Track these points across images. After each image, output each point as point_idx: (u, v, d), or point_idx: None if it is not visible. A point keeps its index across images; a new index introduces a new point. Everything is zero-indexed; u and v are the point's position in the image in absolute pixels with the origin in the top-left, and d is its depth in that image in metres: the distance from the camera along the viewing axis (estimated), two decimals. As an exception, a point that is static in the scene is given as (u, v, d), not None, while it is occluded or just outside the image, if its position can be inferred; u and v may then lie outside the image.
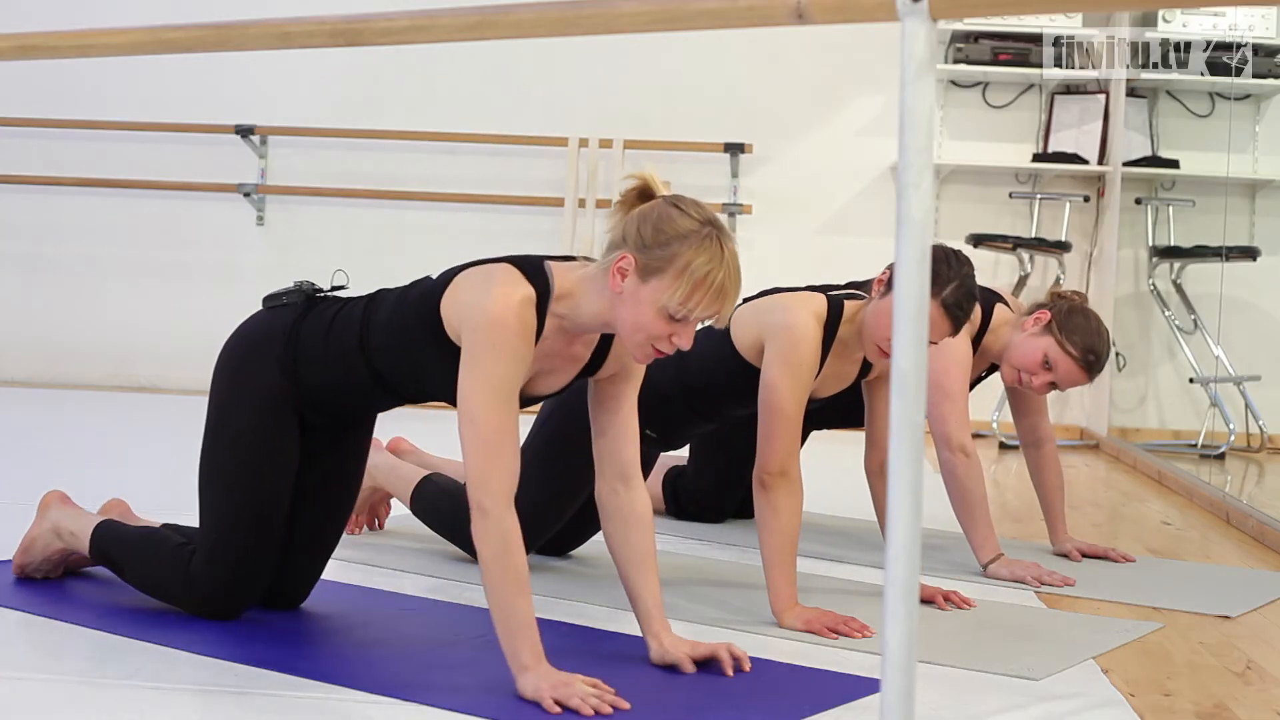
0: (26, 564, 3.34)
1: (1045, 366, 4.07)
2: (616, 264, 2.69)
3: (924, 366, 1.90)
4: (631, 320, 2.69)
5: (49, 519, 3.33)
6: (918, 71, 1.90)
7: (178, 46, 2.86)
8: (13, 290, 8.24)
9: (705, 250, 2.66)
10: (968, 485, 3.98)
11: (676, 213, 2.68)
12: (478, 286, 2.76)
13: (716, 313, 2.70)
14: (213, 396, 3.10)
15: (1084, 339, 4.05)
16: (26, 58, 3.05)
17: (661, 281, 2.65)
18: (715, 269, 2.66)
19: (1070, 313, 4.09)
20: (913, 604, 1.90)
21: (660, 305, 2.66)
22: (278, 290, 3.14)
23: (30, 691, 2.58)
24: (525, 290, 2.71)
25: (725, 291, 2.68)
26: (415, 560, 3.82)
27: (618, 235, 2.73)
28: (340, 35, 2.65)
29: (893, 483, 1.90)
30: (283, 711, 2.53)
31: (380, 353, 2.95)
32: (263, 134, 8.12)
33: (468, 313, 2.73)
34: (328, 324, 3.01)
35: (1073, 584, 3.88)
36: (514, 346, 2.67)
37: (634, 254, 2.67)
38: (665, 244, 2.66)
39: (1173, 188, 7.83)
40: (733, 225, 8.01)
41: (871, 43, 7.68)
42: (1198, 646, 3.32)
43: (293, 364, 3.02)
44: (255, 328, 3.11)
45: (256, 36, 2.86)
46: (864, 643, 3.14)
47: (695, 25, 2.27)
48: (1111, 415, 7.77)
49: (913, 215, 1.89)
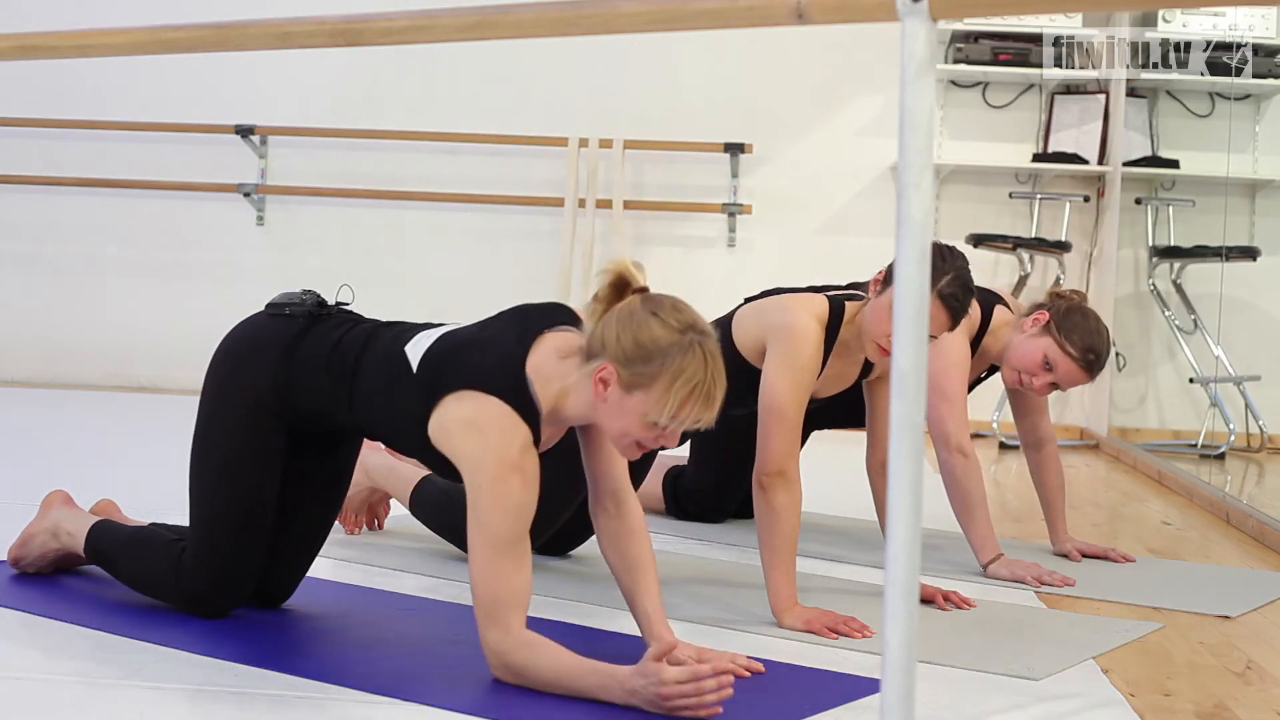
0: (21, 558, 3.36)
1: (1045, 367, 4.07)
2: (598, 374, 2.65)
3: (924, 366, 1.90)
4: (618, 427, 2.67)
5: (50, 518, 3.34)
6: (918, 71, 1.90)
7: (178, 46, 2.86)
8: (13, 290, 8.24)
9: (689, 362, 2.60)
10: (967, 486, 3.98)
11: (656, 323, 2.62)
12: (472, 437, 2.68)
13: (705, 419, 2.66)
14: (204, 396, 3.09)
15: (1083, 338, 4.04)
16: (27, 58, 3.05)
17: (648, 395, 2.62)
18: (701, 379, 2.61)
19: (1069, 312, 4.08)
20: (913, 604, 1.90)
21: (646, 415, 2.63)
22: (283, 298, 3.09)
23: (29, 692, 2.58)
24: (520, 435, 2.67)
25: (713, 397, 2.64)
26: (415, 560, 3.82)
27: (597, 341, 2.67)
28: (340, 35, 2.65)
29: (893, 482, 1.90)
30: (282, 712, 2.52)
31: (369, 423, 2.94)
32: (263, 134, 8.12)
33: (465, 463, 2.68)
34: (324, 358, 2.96)
35: (1073, 584, 3.88)
36: (516, 501, 2.63)
37: (615, 365, 2.63)
38: (648, 359, 2.61)
39: (1173, 188, 7.83)
40: (733, 225, 8.02)
41: (871, 43, 7.68)
42: (1198, 646, 3.32)
43: (285, 384, 3.00)
44: (252, 333, 3.09)
45: (256, 36, 2.86)
46: (864, 643, 3.14)
47: (695, 25, 2.27)
48: (1111, 415, 7.77)
49: (913, 215, 1.89)
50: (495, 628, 2.62)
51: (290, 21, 2.69)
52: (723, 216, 8.04)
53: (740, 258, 8.05)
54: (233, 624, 3.05)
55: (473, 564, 2.64)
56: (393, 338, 2.92)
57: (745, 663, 2.82)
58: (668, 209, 8.06)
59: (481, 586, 2.62)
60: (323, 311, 3.06)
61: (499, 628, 2.61)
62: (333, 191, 8.12)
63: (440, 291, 8.06)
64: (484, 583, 2.62)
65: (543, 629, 2.66)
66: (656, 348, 2.61)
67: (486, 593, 2.62)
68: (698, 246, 8.10)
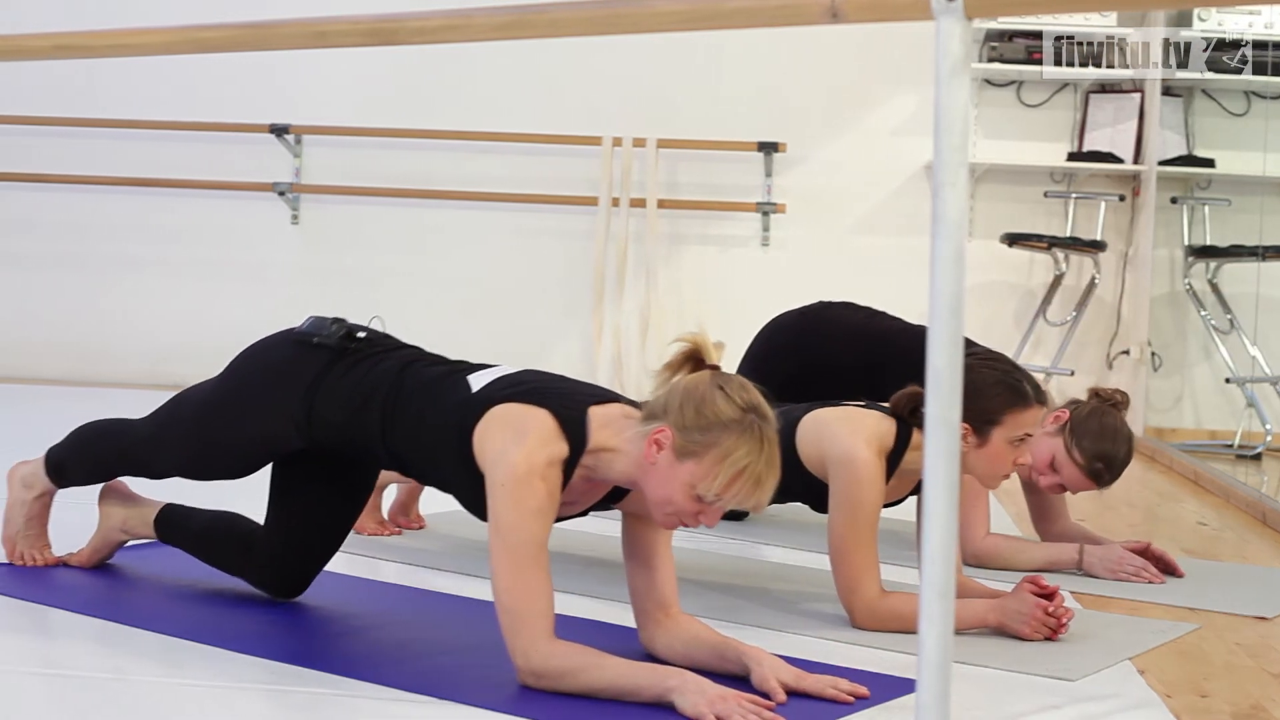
0: (12, 535, 3.45)
1: (1052, 469, 3.98)
2: (654, 435, 2.63)
3: (959, 366, 1.90)
4: (662, 493, 2.65)
5: (15, 481, 3.45)
6: (953, 70, 1.90)
7: (213, 46, 2.87)
8: (49, 289, 8.27)
9: (746, 442, 2.59)
10: (1015, 553, 4.00)
11: (721, 397, 2.62)
12: (510, 434, 2.69)
13: (751, 503, 2.64)
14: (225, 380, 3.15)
15: (1094, 445, 3.91)
16: (63, 57, 3.07)
17: (699, 466, 2.60)
18: (754, 462, 2.60)
19: (1089, 416, 3.95)
20: (948, 605, 1.89)
21: (693, 487, 2.62)
22: (312, 326, 3.06)
23: (66, 688, 2.59)
24: (556, 449, 2.67)
25: (762, 482, 2.62)
26: (449, 559, 3.83)
27: (659, 405, 2.67)
28: (375, 34, 2.65)
29: (928, 482, 1.89)
30: (317, 709, 2.53)
31: (405, 450, 2.93)
32: (297, 133, 8.14)
33: (492, 460, 2.68)
34: (349, 391, 2.96)
35: (1163, 582, 3.91)
36: (536, 504, 2.63)
37: (673, 430, 2.62)
38: (706, 429, 2.60)
39: (1208, 187, 7.79)
40: (766, 224, 8.01)
41: (905, 41, 7.66)
42: (1234, 647, 3.30)
43: (306, 421, 3.00)
44: (278, 357, 3.09)
45: (292, 36, 2.87)
46: (900, 641, 3.12)
47: (729, 24, 2.27)
48: (1147, 415, 7.74)
49: (948, 214, 1.89)
50: (520, 637, 2.61)
51: (325, 21, 2.69)
52: (757, 215, 8.03)
53: (774, 257, 8.05)
54: (268, 621, 3.06)
55: (494, 574, 2.63)
56: (449, 370, 2.93)
57: (849, 688, 2.70)
58: (702, 208, 8.06)
59: (504, 596, 2.62)
60: (349, 346, 3.03)
61: (524, 637, 2.60)
62: (367, 190, 8.13)
63: (474, 291, 8.07)
64: (506, 592, 2.61)
65: (569, 627, 2.66)
66: (717, 420, 2.60)
67: (509, 603, 2.61)
68: (732, 245, 8.10)
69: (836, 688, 2.68)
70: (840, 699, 2.66)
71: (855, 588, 3.25)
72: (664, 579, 2.85)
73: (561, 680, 2.59)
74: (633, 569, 2.87)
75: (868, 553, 3.26)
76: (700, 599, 3.37)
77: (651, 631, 2.85)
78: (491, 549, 2.64)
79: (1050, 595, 3.20)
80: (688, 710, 2.49)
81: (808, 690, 2.66)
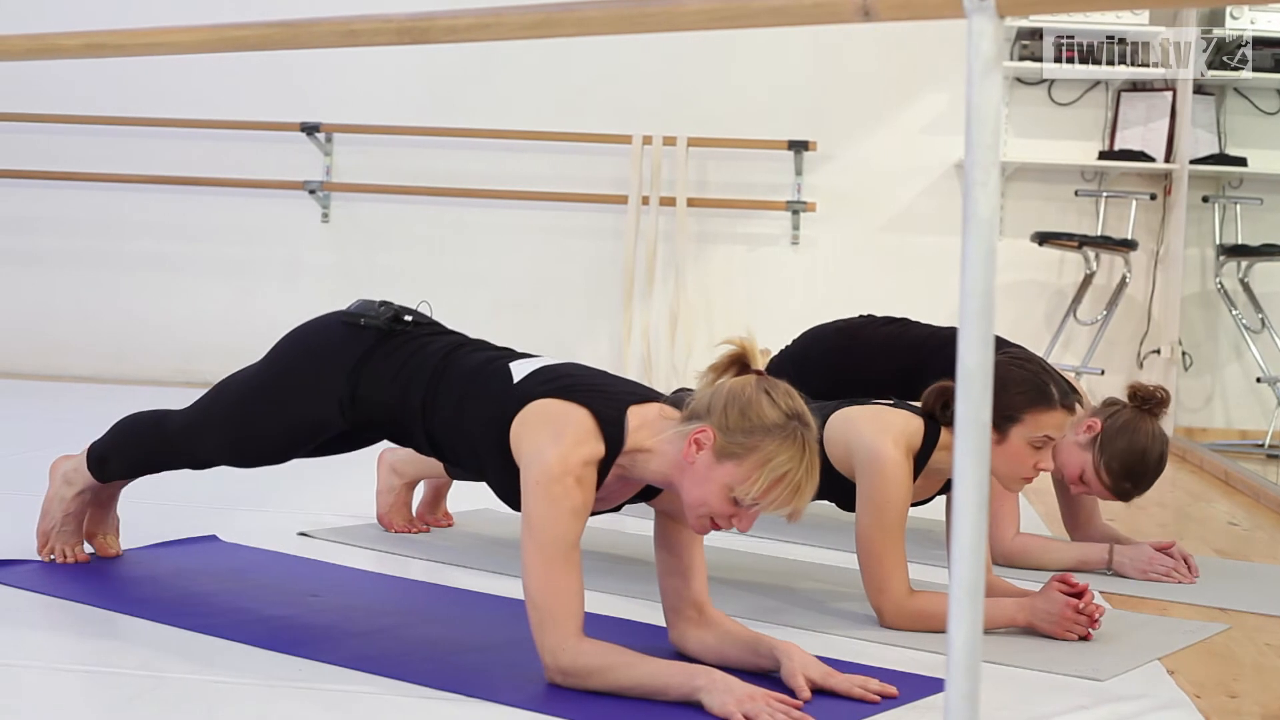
0: (48, 530, 3.43)
1: (1082, 481, 3.95)
2: (695, 434, 2.63)
3: (990, 365, 1.89)
4: (697, 494, 2.64)
5: (55, 475, 3.45)
6: (984, 69, 1.89)
7: (244, 45, 2.87)
8: (81, 287, 8.30)
9: (788, 448, 2.59)
10: (1044, 552, 4.00)
11: (766, 401, 2.61)
12: (547, 431, 2.69)
13: (788, 510, 2.64)
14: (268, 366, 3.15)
15: (1124, 464, 3.86)
16: (94, 56, 3.07)
17: (739, 468, 2.59)
18: (795, 469, 2.59)
19: (1119, 432, 3.87)
20: (978, 604, 1.89)
21: (731, 489, 2.61)
22: (360, 307, 3.06)
23: (94, 684, 2.60)
24: (593, 448, 2.67)
25: (801, 491, 2.61)
26: (478, 556, 3.83)
27: (702, 406, 2.66)
28: (406, 33, 2.65)
29: (957, 483, 1.89)
30: (348, 707, 2.54)
31: (443, 434, 2.93)
32: (328, 131, 8.16)
33: (529, 457, 2.68)
34: (394, 371, 2.96)
35: (1193, 582, 3.90)
36: (570, 504, 2.63)
37: (715, 431, 2.61)
38: (749, 431, 2.59)
39: (1240, 186, 7.76)
40: (796, 223, 8.00)
41: (936, 39, 7.64)
42: (1264, 648, 3.29)
43: (350, 400, 3.00)
44: (324, 339, 3.09)
45: (323, 34, 2.87)
46: (929, 641, 3.12)
47: (760, 23, 2.27)
48: (1178, 415, 7.71)
49: (979, 213, 1.89)
50: (549, 634, 2.61)
51: (356, 19, 2.70)
52: (787, 214, 8.03)
53: (804, 255, 8.04)
54: (296, 619, 3.07)
55: (525, 571, 2.63)
56: (491, 357, 2.93)
57: (878, 688, 2.70)
58: (731, 206, 8.06)
59: (534, 595, 2.62)
60: (396, 328, 3.03)
61: (553, 634, 2.61)
62: (397, 189, 8.15)
63: (504, 289, 8.09)
64: (537, 591, 2.62)
65: (598, 625, 2.66)
66: (761, 424, 2.60)
67: (539, 600, 2.61)
68: (762, 244, 8.09)
69: (865, 688, 2.67)
70: (867, 699, 2.66)
71: (883, 587, 3.25)
72: (697, 578, 2.86)
73: (590, 679, 2.59)
74: (665, 567, 2.87)
75: (895, 552, 3.26)
76: (729, 598, 3.37)
77: (683, 629, 2.86)
78: (523, 546, 2.64)
79: (1080, 594, 3.20)
80: (716, 709, 2.50)
81: (835, 689, 2.66)
